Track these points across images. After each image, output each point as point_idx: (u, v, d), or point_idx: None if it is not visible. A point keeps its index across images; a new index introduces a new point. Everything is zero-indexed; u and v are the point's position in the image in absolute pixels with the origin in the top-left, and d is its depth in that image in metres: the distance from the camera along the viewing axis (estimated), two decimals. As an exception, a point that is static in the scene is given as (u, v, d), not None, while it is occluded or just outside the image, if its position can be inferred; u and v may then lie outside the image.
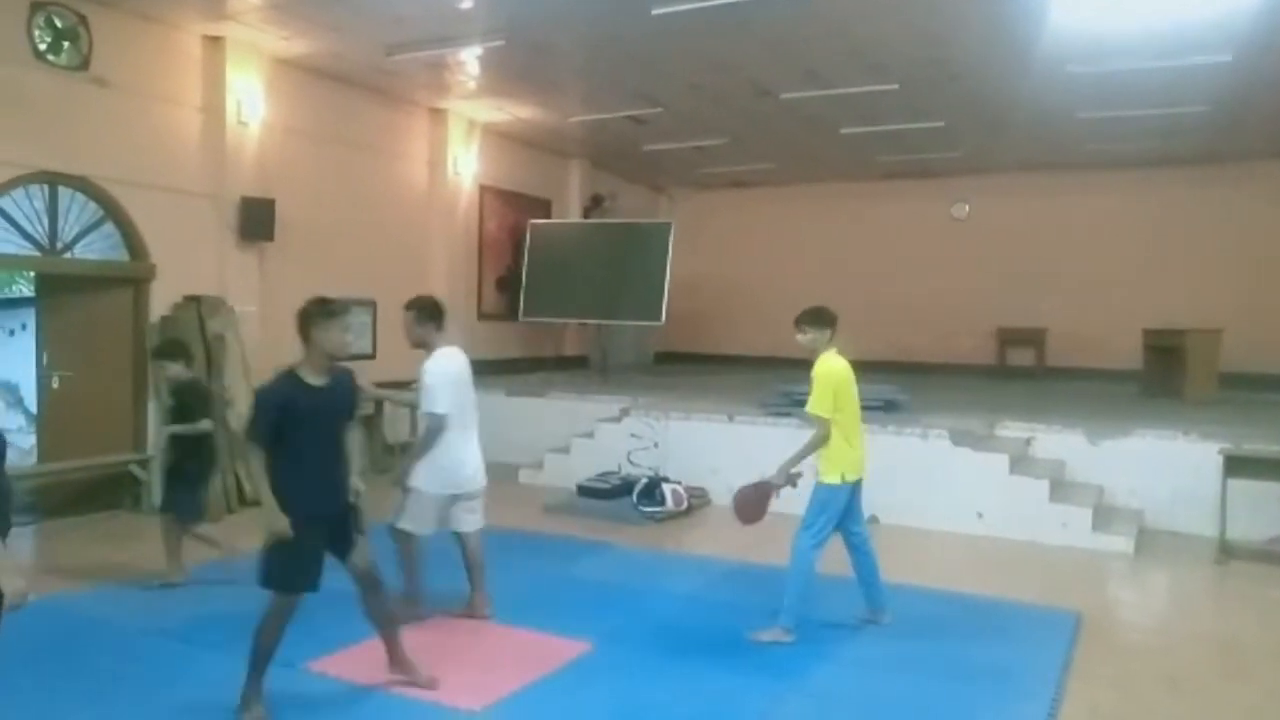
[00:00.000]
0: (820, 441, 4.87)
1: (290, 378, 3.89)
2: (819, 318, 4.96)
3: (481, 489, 5.20)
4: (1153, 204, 13.22)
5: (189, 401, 5.70)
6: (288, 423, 3.80)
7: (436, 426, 4.86)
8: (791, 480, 4.97)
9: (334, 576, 4.05)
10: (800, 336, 4.99)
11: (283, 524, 3.76)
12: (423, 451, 4.92)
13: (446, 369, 4.94)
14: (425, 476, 4.95)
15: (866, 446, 5.11)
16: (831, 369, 4.89)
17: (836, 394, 4.85)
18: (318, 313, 3.89)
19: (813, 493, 4.92)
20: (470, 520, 5.18)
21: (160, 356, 5.91)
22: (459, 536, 5.19)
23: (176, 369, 5.72)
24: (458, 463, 5.00)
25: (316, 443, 3.90)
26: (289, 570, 3.83)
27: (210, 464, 5.96)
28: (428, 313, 5.06)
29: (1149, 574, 6.65)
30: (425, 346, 5.01)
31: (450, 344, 5.10)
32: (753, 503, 5.13)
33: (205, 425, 5.65)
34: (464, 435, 5.03)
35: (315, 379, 3.90)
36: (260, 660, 3.84)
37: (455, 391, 4.95)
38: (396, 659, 4.21)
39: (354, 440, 4.21)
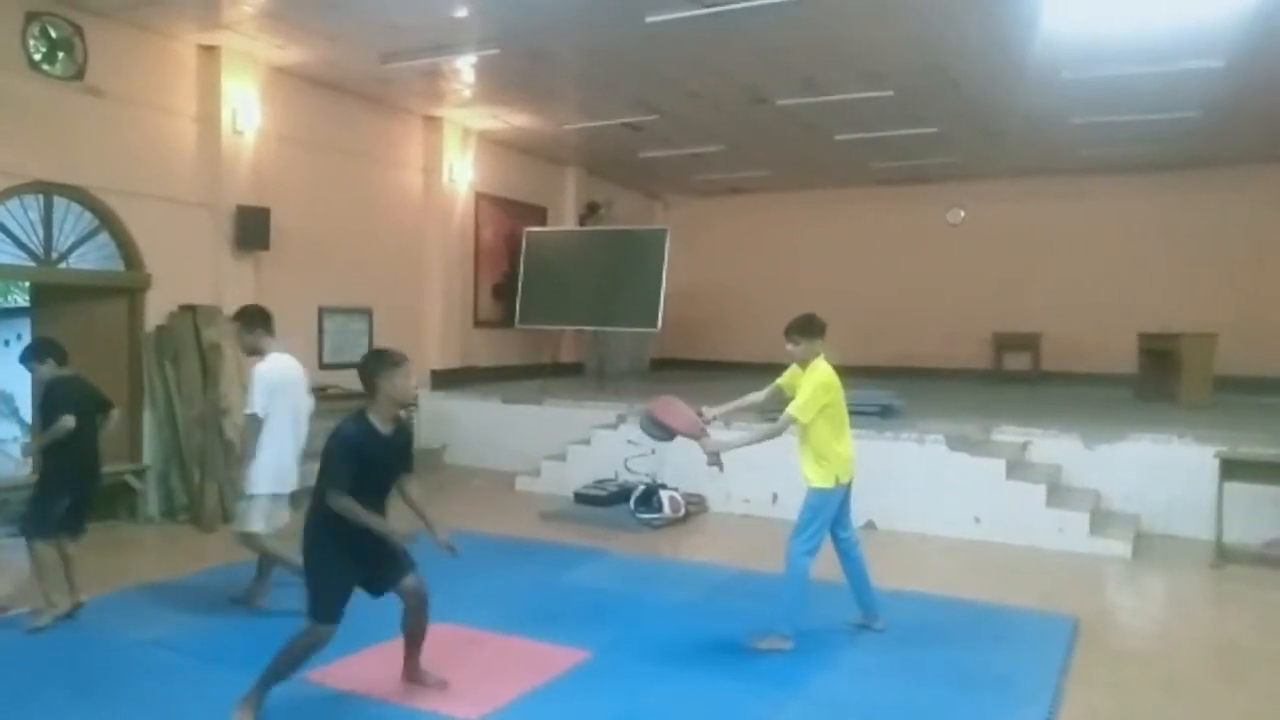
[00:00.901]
0: (775, 435, 4.91)
1: (365, 425, 3.93)
2: (810, 328, 4.95)
3: (292, 490, 5.46)
4: (1147, 208, 13.25)
5: (49, 400, 5.06)
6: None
7: (249, 427, 5.21)
8: (718, 462, 4.93)
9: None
10: (792, 347, 4.96)
11: (403, 528, 3.94)
12: (248, 453, 5.23)
13: (268, 374, 5.23)
14: (259, 479, 5.24)
15: (854, 449, 5.08)
16: (829, 376, 4.90)
17: (828, 400, 4.86)
18: (381, 363, 3.96)
19: (806, 498, 4.91)
20: (280, 517, 5.40)
21: (26, 360, 5.22)
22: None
23: (45, 370, 5.16)
24: (283, 466, 5.32)
25: (374, 492, 3.96)
26: (334, 603, 3.89)
27: (76, 468, 5.18)
28: (253, 320, 5.39)
29: (1146, 578, 6.66)
30: (258, 353, 5.32)
31: (283, 351, 5.42)
32: (667, 417, 5.06)
33: (66, 423, 4.95)
34: (288, 436, 5.32)
35: (385, 428, 3.96)
36: (273, 677, 3.89)
37: (279, 395, 5.22)
38: (413, 671, 4.31)
39: (415, 488, 4.24)
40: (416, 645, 4.28)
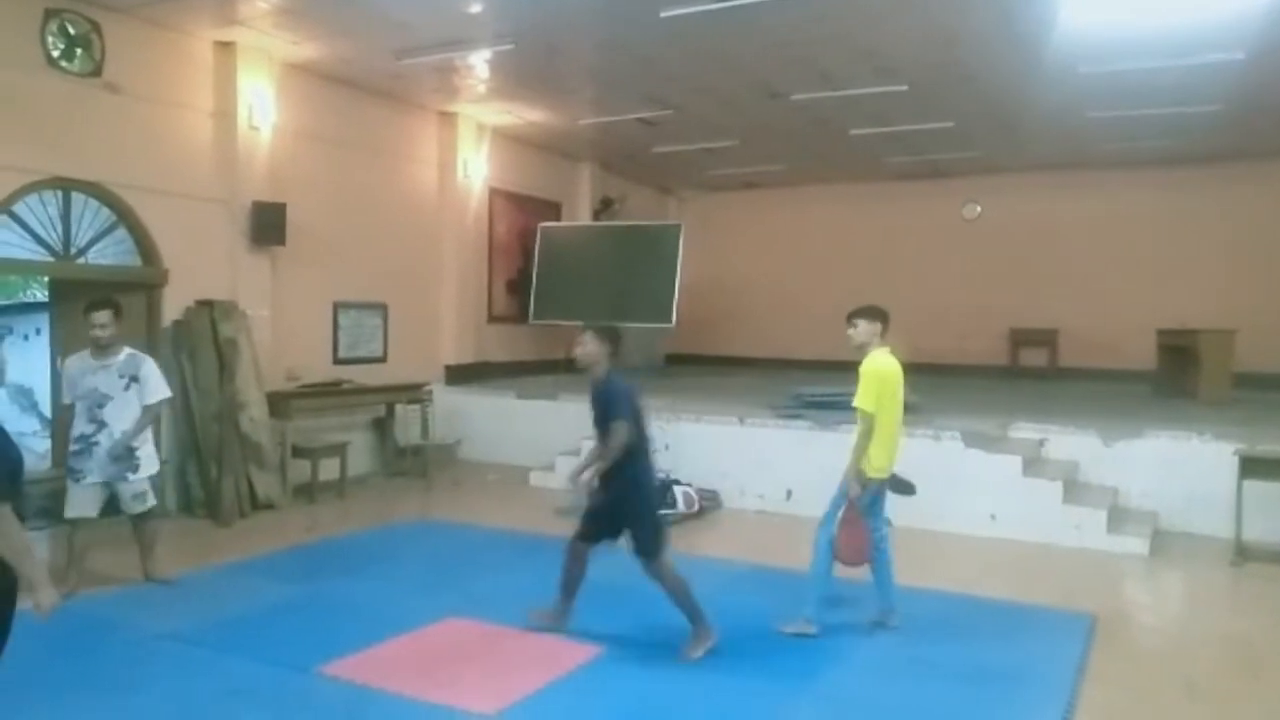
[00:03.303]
0: (863, 436, 4.92)
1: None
2: (872, 312, 5.00)
3: None
4: (1165, 203, 13.14)
5: None
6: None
7: (160, 410, 5.89)
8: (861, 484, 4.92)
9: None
10: (852, 331, 5.00)
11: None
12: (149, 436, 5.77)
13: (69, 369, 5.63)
14: (155, 460, 5.84)
15: (899, 450, 5.11)
16: (878, 366, 4.93)
17: (880, 393, 4.87)
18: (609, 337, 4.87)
19: (839, 488, 4.94)
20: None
21: None
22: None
23: None
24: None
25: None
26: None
27: None
28: (121, 310, 5.71)
29: (1164, 576, 6.60)
30: (116, 345, 5.63)
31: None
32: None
33: None
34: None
35: None
36: (693, 608, 4.76)
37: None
38: None
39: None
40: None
